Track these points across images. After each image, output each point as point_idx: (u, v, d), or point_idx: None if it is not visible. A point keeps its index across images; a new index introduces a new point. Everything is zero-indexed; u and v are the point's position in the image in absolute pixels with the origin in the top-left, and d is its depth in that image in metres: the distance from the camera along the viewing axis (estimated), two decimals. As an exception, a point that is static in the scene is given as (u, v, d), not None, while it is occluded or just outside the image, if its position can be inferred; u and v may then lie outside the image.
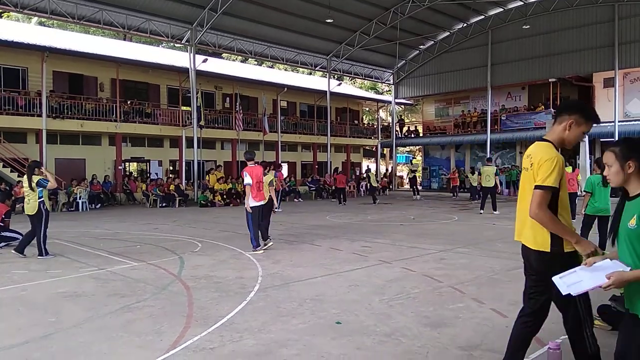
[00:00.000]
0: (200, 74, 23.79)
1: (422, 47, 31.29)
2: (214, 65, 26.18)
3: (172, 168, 25.35)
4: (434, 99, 34.30)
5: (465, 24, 28.92)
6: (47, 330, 4.52)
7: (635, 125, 23.73)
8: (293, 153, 31.23)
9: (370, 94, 40.97)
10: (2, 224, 9.56)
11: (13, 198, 13.22)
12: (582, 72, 26.00)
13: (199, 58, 23.63)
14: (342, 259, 7.95)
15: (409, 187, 28.05)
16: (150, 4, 21.19)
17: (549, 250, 2.89)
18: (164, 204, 20.29)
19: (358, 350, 3.95)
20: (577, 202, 12.53)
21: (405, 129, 36.97)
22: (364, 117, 41.35)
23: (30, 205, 8.32)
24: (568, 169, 13.26)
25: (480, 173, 16.81)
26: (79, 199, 18.96)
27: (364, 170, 31.21)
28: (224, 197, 21.37)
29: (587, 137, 20.95)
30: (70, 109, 20.68)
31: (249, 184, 8.74)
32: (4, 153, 19.15)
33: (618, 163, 2.50)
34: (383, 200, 22.51)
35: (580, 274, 2.56)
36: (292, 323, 4.66)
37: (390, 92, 35.59)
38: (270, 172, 10.25)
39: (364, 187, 27.74)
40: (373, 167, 35.68)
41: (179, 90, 24.54)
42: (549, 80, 26.71)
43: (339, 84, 33.57)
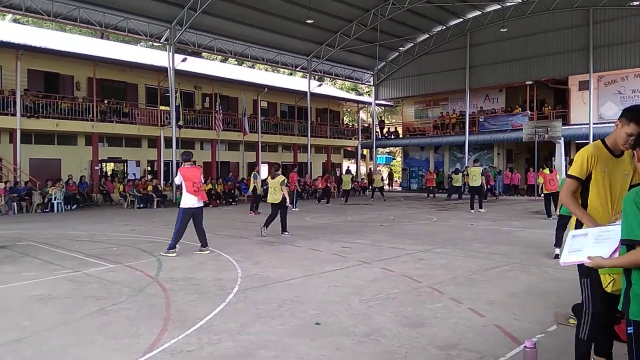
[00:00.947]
0: (180, 74, 23.52)
1: (402, 49, 31.56)
2: (194, 65, 25.88)
3: (150, 168, 25.04)
4: (414, 101, 34.60)
5: (444, 27, 29.21)
6: (20, 334, 4.41)
7: (609, 128, 23.75)
8: (273, 154, 31.13)
9: (351, 95, 41.08)
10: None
11: None
12: (558, 74, 26.54)
13: (178, 57, 23.29)
14: (322, 260, 7.95)
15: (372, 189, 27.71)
16: (129, 3, 20.85)
17: None
18: (142, 205, 20.04)
19: (337, 351, 3.95)
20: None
21: (386, 130, 37.30)
22: (345, 118, 41.43)
23: None
24: (546, 171, 13.55)
25: (468, 174, 17.83)
26: (54, 200, 18.57)
27: (344, 172, 31.18)
28: (203, 197, 21.14)
29: (562, 139, 21.43)
30: (46, 108, 20.25)
31: (177, 185, 8.69)
32: (-24, 153, 18.72)
33: None
34: (363, 201, 22.50)
35: (585, 241, 2.61)
36: (271, 324, 4.64)
37: (371, 93, 35.74)
38: (279, 175, 10.98)
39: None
40: (353, 167, 35.78)
41: (158, 90, 24.27)
42: (526, 83, 27.19)
43: (320, 85, 33.55)
